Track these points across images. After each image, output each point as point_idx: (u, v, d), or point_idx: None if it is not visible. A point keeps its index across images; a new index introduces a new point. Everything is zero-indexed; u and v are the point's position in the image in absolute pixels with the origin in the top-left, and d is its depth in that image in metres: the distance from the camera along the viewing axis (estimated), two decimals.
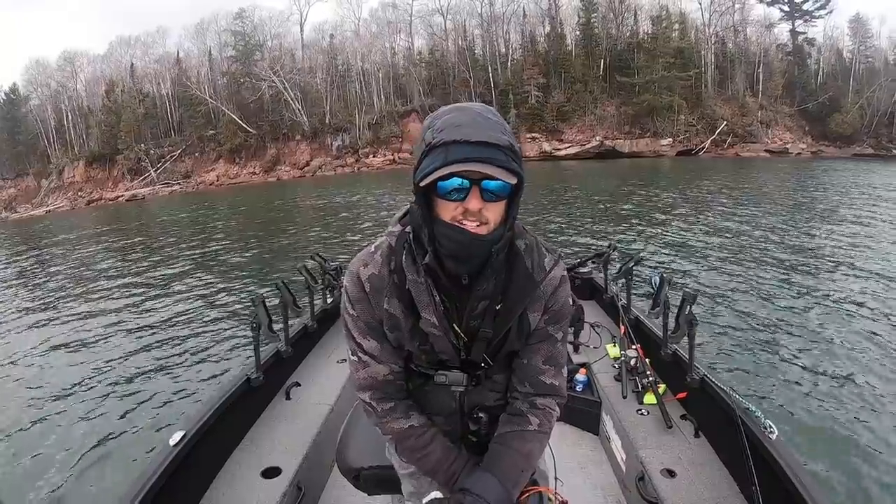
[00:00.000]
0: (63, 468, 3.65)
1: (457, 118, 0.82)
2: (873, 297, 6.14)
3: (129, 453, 3.72)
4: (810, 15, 44.70)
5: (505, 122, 0.86)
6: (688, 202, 15.06)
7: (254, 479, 1.93)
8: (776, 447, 1.61)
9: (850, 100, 40.94)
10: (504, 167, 0.80)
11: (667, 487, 1.80)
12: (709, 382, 2.05)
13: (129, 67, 46.38)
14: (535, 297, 0.97)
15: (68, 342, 6.41)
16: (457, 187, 0.82)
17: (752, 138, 39.01)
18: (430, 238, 0.88)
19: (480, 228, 0.85)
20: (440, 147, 0.80)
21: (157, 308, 7.55)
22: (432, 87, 41.60)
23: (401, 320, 0.95)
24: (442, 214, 0.86)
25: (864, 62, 45.02)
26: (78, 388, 4.97)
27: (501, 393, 1.06)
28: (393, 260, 0.94)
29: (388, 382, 1.01)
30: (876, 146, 40.59)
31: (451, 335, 0.95)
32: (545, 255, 0.98)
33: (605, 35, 41.42)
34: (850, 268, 7.42)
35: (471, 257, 0.88)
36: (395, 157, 39.41)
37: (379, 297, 0.95)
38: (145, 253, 12.99)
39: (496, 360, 1.00)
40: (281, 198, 24.80)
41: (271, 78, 40.52)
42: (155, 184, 40.76)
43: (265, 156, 40.72)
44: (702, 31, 42.90)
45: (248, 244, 12.74)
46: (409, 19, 44.26)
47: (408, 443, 1.02)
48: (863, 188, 17.17)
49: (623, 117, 38.55)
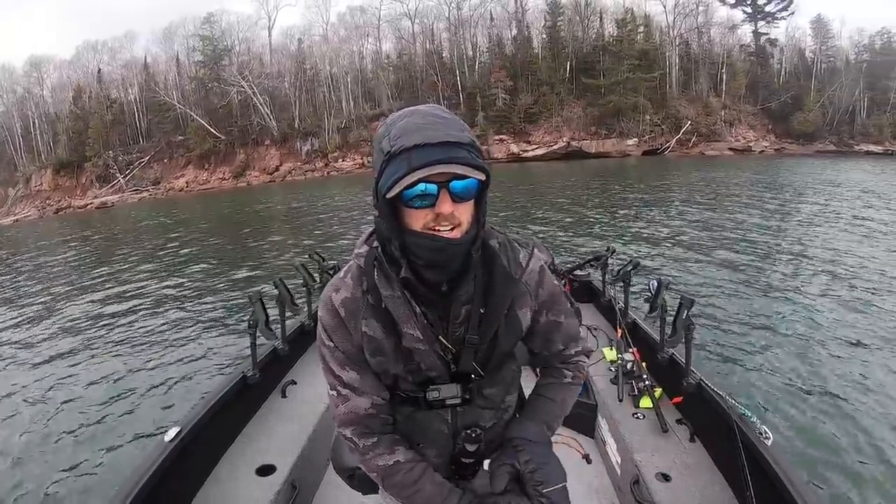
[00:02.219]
0: (58, 466, 3.65)
1: (412, 122, 0.79)
2: (871, 302, 6.07)
3: (125, 450, 3.72)
4: (772, 16, 45.80)
5: (459, 118, 0.84)
6: (662, 201, 15.23)
7: (248, 477, 1.93)
8: (772, 453, 1.61)
9: (812, 98, 41.98)
10: (470, 164, 0.78)
11: (662, 492, 1.79)
12: (705, 387, 2.04)
13: (97, 73, 45.87)
14: (518, 293, 0.94)
15: (64, 342, 6.37)
16: (422, 193, 0.78)
17: (717, 137, 39.79)
18: (402, 250, 0.85)
19: (454, 232, 0.82)
20: (401, 154, 0.77)
21: (152, 306, 7.52)
22: (401, 91, 41.73)
23: (382, 342, 0.91)
24: (412, 224, 0.82)
25: (826, 62, 46.13)
26: (74, 386, 4.95)
27: (495, 409, 1.02)
28: (365, 280, 0.91)
29: (370, 416, 0.96)
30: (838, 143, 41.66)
31: (436, 346, 0.91)
32: (519, 251, 0.97)
33: (571, 38, 41.97)
34: (847, 272, 7.29)
35: (449, 263, 0.85)
36: (365, 160, 39.46)
37: (355, 321, 0.91)
38: (136, 255, 12.81)
39: (487, 368, 0.95)
40: (260, 202, 24.64)
41: (240, 83, 40.35)
42: (124, 191, 40.36)
43: (234, 161, 40.54)
44: (666, 33, 43.69)
45: (240, 246, 12.65)
46: (377, 23, 44.48)
47: (395, 479, 0.95)
48: (849, 186, 17.35)
49: (589, 118, 39.12)
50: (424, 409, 0.96)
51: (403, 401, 0.97)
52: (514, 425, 1.03)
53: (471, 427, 0.97)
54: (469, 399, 0.95)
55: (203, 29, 43.79)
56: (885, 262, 7.66)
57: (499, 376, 1.00)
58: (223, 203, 26.14)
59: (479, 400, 0.97)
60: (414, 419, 0.98)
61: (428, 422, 0.98)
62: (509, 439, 1.00)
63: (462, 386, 0.94)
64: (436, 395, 0.93)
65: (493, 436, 1.01)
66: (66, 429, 4.14)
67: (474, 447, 0.97)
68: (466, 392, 0.95)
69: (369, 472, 0.99)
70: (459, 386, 0.94)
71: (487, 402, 0.99)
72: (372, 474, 0.99)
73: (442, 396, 0.93)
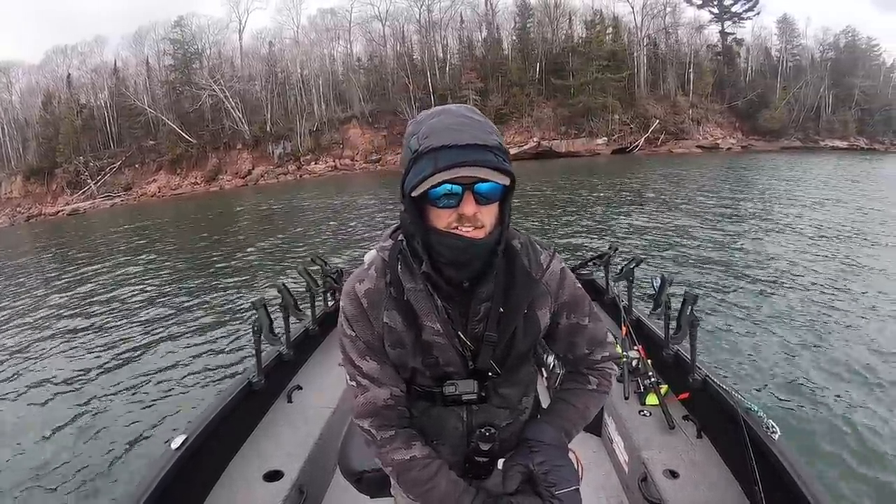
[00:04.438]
0: (65, 474, 3.64)
1: (441, 122, 0.81)
2: (878, 294, 6.05)
3: (132, 458, 3.72)
4: (739, 17, 46.75)
5: (489, 120, 0.85)
6: (638, 197, 15.62)
7: (256, 483, 1.92)
8: (779, 447, 1.61)
9: (778, 96, 42.98)
10: (496, 168, 0.79)
11: (669, 488, 1.79)
12: (711, 383, 2.04)
13: (67, 77, 45.35)
14: (538, 294, 0.95)
15: (67, 351, 6.37)
16: (448, 193, 0.80)
17: (685, 135, 40.54)
18: (425, 247, 0.86)
19: (477, 233, 0.83)
20: (428, 154, 0.78)
21: (153, 316, 7.47)
22: (372, 93, 41.83)
23: (402, 334, 0.92)
24: (435, 223, 0.84)
25: (792, 60, 47.18)
26: (80, 395, 4.93)
27: (511, 410, 1.01)
28: (389, 273, 0.92)
29: (388, 408, 0.96)
30: (804, 139, 42.66)
31: (455, 342, 0.91)
32: (540, 252, 0.97)
33: (540, 39, 42.39)
34: (851, 265, 7.34)
35: (470, 263, 0.86)
36: (337, 163, 39.61)
37: (377, 312, 0.93)
38: (131, 262, 12.58)
39: (505, 367, 0.95)
40: (240, 205, 24.40)
41: (211, 86, 40.19)
42: (95, 197, 39.98)
43: (207, 165, 40.31)
44: (634, 33, 44.29)
45: (234, 251, 12.48)
46: (348, 25, 44.37)
47: (410, 475, 0.95)
48: (838, 180, 17.75)
49: (559, 118, 39.65)
50: (440, 406, 0.96)
51: (420, 396, 0.97)
52: (531, 426, 1.03)
53: (485, 426, 0.97)
54: (485, 397, 0.95)
55: (174, 32, 43.50)
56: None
57: (516, 377, 1.00)
58: (197, 207, 25.93)
59: (494, 399, 0.97)
60: (430, 415, 0.99)
61: (443, 419, 0.98)
62: (525, 440, 1.01)
63: (479, 383, 0.94)
64: (452, 391, 0.93)
65: (507, 436, 1.02)
66: (71, 439, 4.11)
67: (488, 446, 0.97)
68: (483, 390, 0.94)
69: (385, 467, 0.99)
70: (476, 382, 0.93)
71: (503, 402, 0.99)
72: (387, 468, 0.98)
73: (459, 392, 0.93)
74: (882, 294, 6.11)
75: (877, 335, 4.93)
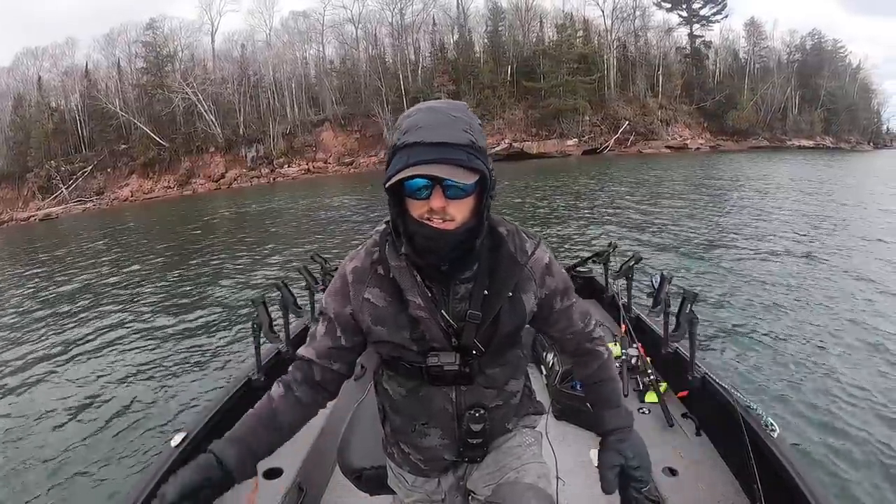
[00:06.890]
0: (63, 472, 3.62)
1: (419, 119, 0.85)
2: (878, 291, 6.07)
3: (131, 456, 3.71)
4: (707, 20, 47.77)
5: (473, 117, 0.88)
6: (616, 194, 15.94)
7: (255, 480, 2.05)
8: (778, 445, 1.62)
9: (746, 97, 44.00)
10: (463, 166, 0.83)
11: (668, 486, 1.79)
12: (710, 381, 2.05)
13: (37, 80, 44.85)
14: (522, 278, 0.99)
15: (66, 351, 6.34)
16: (421, 186, 0.85)
17: (654, 136, 41.40)
18: (405, 233, 0.92)
19: (446, 224, 0.87)
20: (403, 149, 0.83)
21: (154, 312, 7.50)
22: (344, 96, 41.96)
23: (384, 309, 0.96)
24: (412, 211, 0.89)
25: (759, 62, 48.30)
26: (79, 394, 4.92)
27: (498, 391, 1.05)
28: (376, 252, 0.99)
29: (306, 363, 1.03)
30: (771, 139, 43.76)
31: (438, 317, 0.95)
32: (526, 240, 1.02)
33: (511, 42, 42.92)
34: (851, 262, 7.32)
35: (441, 250, 0.90)
36: (311, 166, 39.72)
37: (360, 287, 0.98)
38: (128, 262, 12.54)
39: (490, 347, 0.98)
40: (218, 209, 23.98)
41: (184, 89, 40.03)
42: (67, 202, 39.59)
43: (179, 169, 40.10)
44: (604, 36, 45.05)
45: (228, 252, 12.42)
46: (320, 28, 44.34)
47: (251, 410, 1.03)
48: (830, 177, 18.21)
49: (530, 120, 40.26)
50: (427, 385, 1.00)
51: (408, 372, 1.00)
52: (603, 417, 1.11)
53: (474, 407, 1.02)
54: (470, 374, 0.98)
55: (146, 35, 43.22)
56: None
57: (502, 358, 1.03)
58: (172, 211, 25.77)
59: (480, 378, 1.01)
60: (418, 396, 1.02)
61: (431, 398, 1.02)
62: (608, 432, 1.08)
63: (462, 358, 0.97)
64: (435, 361, 0.96)
65: (498, 417, 1.06)
66: (70, 438, 4.10)
67: (479, 426, 1.02)
68: (466, 366, 0.97)
69: None
70: (459, 355, 0.96)
71: (489, 382, 1.02)
72: None
73: (441, 362, 0.96)
74: (882, 292, 6.10)
75: (876, 334, 4.91)
